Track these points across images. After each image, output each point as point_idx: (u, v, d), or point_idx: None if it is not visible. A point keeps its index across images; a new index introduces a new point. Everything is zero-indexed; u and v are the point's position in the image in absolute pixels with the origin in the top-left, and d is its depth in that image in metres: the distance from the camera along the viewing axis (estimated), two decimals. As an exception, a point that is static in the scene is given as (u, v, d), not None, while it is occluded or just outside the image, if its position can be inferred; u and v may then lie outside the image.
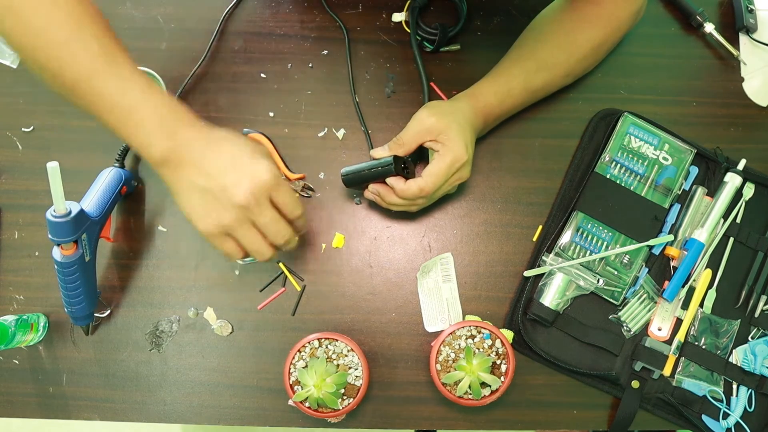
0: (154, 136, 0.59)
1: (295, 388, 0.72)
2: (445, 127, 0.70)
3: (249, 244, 0.62)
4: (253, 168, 0.60)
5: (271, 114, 0.84)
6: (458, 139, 0.70)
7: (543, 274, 0.78)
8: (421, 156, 0.79)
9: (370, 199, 0.76)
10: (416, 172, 0.76)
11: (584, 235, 0.78)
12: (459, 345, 0.73)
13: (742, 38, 0.87)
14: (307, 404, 0.72)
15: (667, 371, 0.77)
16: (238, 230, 0.61)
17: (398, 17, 0.85)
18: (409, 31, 0.84)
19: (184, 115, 0.61)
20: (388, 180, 0.71)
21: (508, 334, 0.76)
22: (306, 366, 0.72)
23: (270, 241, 0.63)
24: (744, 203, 0.81)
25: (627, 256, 0.78)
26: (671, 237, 0.78)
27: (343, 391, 0.72)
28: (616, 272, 0.77)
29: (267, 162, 0.61)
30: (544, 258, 0.78)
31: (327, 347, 0.73)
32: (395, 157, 0.71)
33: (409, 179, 0.71)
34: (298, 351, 0.73)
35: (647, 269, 0.79)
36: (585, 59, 0.78)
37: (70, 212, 0.67)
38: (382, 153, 0.73)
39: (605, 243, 0.78)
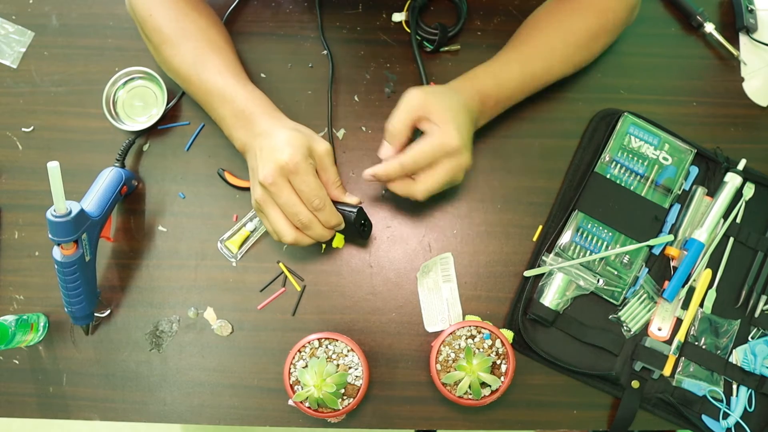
0: (234, 131, 0.70)
1: (295, 388, 0.72)
2: (435, 106, 0.66)
3: (272, 222, 0.66)
4: (279, 150, 0.64)
5: (271, 114, 0.84)
6: (450, 121, 0.65)
7: (543, 274, 0.78)
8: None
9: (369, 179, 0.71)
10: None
11: (584, 235, 0.78)
12: (459, 345, 0.73)
13: (742, 38, 0.87)
14: (307, 404, 0.72)
15: (667, 371, 0.77)
16: (264, 207, 0.66)
17: (398, 17, 0.85)
18: (409, 31, 0.84)
19: (256, 108, 0.69)
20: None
21: (508, 334, 0.76)
22: (306, 366, 0.72)
23: (294, 223, 0.66)
24: (744, 203, 0.81)
25: (627, 256, 0.78)
26: (671, 237, 0.78)
27: (343, 391, 0.72)
28: (616, 272, 0.77)
29: (297, 146, 0.64)
30: (544, 258, 0.78)
31: (327, 347, 0.73)
32: (359, 210, 0.70)
33: (365, 234, 0.73)
34: (298, 351, 0.73)
35: (647, 269, 0.79)
36: (582, 48, 0.77)
37: (70, 212, 0.67)
38: (386, 151, 0.70)
39: (605, 243, 0.78)
